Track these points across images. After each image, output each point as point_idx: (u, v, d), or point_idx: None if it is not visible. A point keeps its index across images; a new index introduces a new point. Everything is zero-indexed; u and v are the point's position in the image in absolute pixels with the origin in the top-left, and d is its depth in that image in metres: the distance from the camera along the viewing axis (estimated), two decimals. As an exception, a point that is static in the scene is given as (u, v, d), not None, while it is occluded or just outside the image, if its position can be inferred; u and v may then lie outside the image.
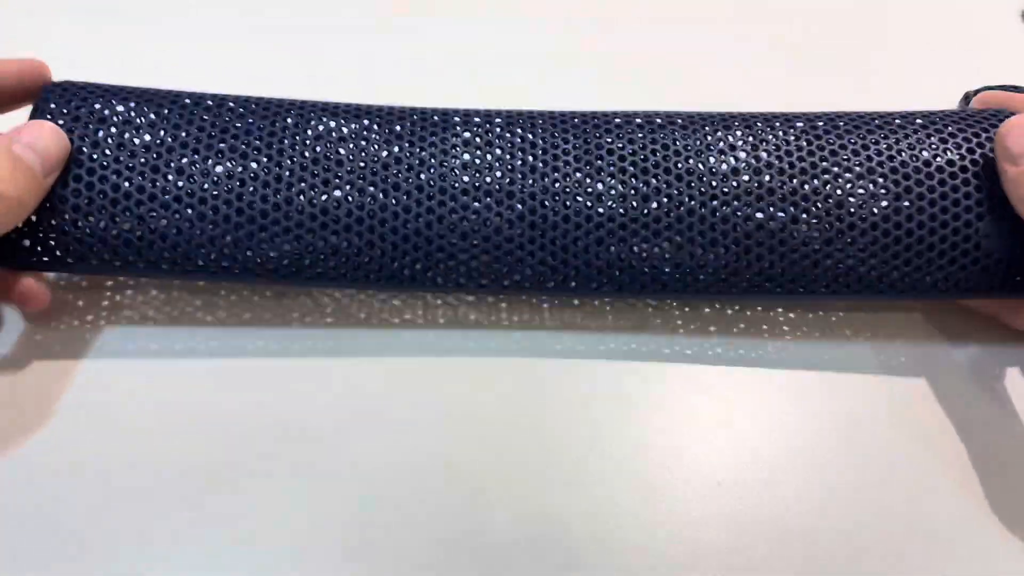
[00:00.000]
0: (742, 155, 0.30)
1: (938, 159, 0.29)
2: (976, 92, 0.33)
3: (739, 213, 0.29)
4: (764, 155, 0.29)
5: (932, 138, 0.30)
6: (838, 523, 0.27)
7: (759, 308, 0.32)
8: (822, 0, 0.46)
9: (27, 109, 0.31)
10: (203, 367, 0.30)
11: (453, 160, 0.29)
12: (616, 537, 0.27)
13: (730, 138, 0.30)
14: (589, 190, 0.29)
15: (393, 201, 0.29)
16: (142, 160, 0.28)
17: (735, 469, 0.29)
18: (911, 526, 0.27)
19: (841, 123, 0.30)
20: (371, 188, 0.29)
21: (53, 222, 0.28)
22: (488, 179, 0.29)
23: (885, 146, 0.30)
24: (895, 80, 0.41)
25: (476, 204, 0.29)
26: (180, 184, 0.28)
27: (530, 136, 0.30)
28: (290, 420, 0.29)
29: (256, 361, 0.30)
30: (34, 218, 0.28)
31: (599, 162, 0.29)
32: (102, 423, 0.29)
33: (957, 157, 0.29)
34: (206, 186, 0.28)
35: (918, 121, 0.30)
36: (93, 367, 0.30)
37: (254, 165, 0.29)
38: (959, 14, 0.46)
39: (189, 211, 0.28)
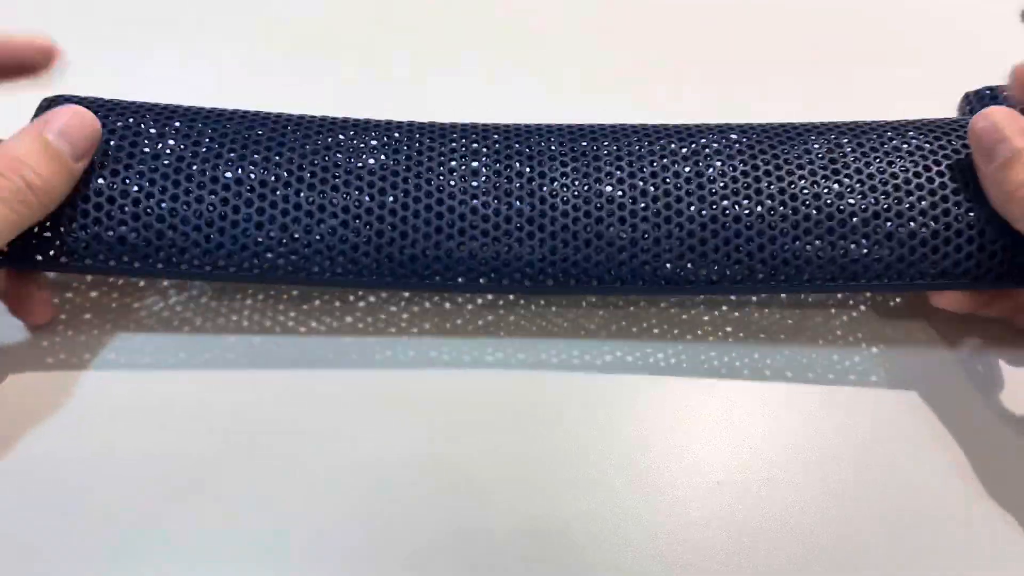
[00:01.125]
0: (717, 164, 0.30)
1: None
2: (976, 92, 0.33)
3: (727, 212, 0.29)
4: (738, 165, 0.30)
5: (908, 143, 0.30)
6: (838, 523, 0.27)
7: (758, 310, 0.33)
8: (822, 1, 0.46)
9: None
10: (203, 375, 0.30)
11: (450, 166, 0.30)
12: (616, 537, 0.27)
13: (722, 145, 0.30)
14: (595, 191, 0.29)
15: (391, 199, 0.29)
16: (156, 165, 0.29)
17: (735, 469, 0.29)
18: (911, 526, 0.27)
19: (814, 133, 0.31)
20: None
21: (71, 220, 0.28)
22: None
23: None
24: (895, 80, 0.41)
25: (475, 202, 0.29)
26: (193, 187, 0.29)
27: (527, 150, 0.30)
28: (290, 425, 0.29)
29: (255, 369, 0.31)
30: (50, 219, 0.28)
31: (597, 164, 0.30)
32: (103, 428, 0.29)
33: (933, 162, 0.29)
34: (216, 191, 0.29)
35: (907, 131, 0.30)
36: (96, 374, 0.30)
37: (258, 171, 0.29)
38: (959, 14, 0.46)
39: (205, 210, 0.28)
